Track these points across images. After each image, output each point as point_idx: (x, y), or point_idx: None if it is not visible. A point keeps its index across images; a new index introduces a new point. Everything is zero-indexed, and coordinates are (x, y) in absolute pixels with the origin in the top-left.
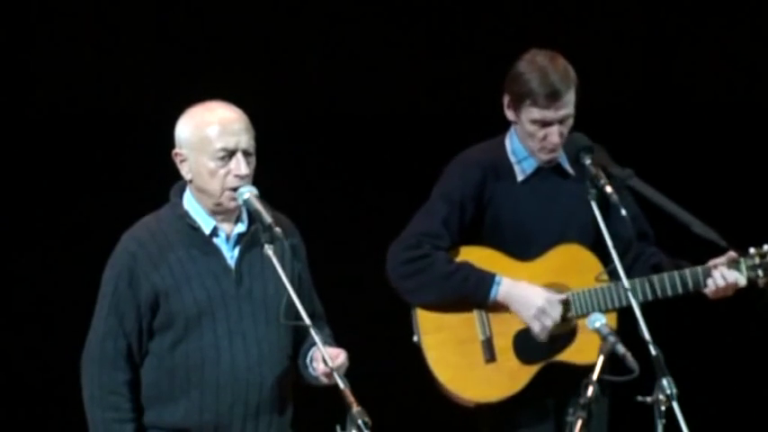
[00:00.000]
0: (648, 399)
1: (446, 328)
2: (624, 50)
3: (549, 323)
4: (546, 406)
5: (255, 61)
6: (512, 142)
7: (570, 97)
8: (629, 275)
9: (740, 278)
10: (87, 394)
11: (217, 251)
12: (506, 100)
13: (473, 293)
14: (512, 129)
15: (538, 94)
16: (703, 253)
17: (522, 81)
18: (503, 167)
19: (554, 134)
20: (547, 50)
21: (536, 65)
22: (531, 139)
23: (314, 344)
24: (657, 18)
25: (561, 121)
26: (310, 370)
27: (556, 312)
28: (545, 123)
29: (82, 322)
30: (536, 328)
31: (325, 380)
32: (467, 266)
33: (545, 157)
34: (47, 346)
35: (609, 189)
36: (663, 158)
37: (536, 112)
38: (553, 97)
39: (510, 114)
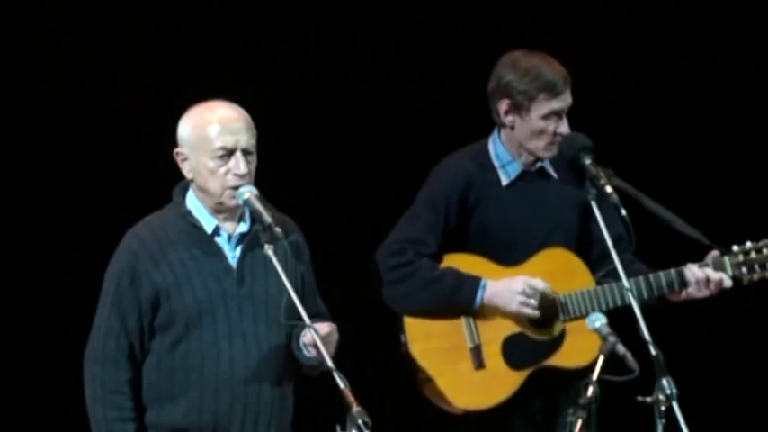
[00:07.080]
0: (648, 399)
1: (434, 336)
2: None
3: (534, 301)
4: (535, 410)
5: (258, 61)
6: (495, 147)
7: None
8: (609, 278)
9: (726, 279)
10: (89, 393)
11: (218, 251)
12: (504, 105)
13: (459, 299)
14: (494, 133)
15: (554, 83)
16: (689, 252)
17: (531, 77)
18: (487, 172)
19: (565, 124)
20: (517, 50)
21: (530, 60)
22: (540, 137)
23: (304, 327)
24: (657, 18)
25: (566, 112)
26: (305, 352)
27: (537, 288)
28: (559, 114)
29: (84, 321)
30: (526, 311)
31: (315, 355)
32: (452, 272)
33: (549, 153)
34: (49, 345)
35: (609, 189)
36: (657, 158)
37: (555, 103)
38: (566, 81)
39: (509, 119)
